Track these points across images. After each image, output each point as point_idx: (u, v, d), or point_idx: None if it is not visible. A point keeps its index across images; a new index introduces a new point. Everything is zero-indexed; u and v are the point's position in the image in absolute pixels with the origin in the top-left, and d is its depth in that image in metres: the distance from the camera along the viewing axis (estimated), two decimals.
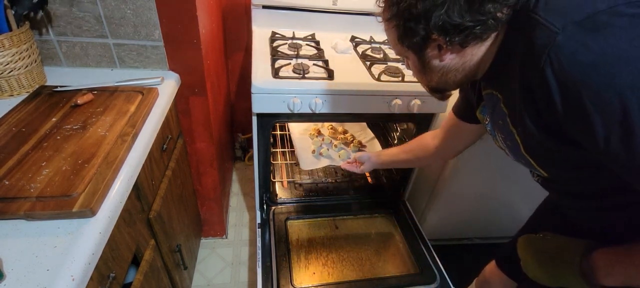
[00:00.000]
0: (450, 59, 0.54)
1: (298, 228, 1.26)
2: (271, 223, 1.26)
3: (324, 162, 1.35)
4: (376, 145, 1.49)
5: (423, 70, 0.59)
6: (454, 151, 0.92)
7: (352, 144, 1.45)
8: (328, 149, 1.42)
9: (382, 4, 0.57)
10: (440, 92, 0.65)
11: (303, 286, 1.06)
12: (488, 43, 0.52)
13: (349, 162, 1.18)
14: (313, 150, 1.41)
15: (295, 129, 1.53)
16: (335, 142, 1.46)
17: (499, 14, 0.48)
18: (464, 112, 0.80)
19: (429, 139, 0.96)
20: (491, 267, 0.99)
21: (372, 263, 1.16)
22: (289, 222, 1.28)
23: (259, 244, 1.18)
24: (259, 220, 1.27)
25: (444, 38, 0.50)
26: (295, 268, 1.11)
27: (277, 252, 1.14)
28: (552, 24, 0.42)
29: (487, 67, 0.56)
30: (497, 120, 0.60)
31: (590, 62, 0.39)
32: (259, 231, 1.23)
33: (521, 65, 0.47)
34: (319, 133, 1.51)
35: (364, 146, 1.48)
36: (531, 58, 0.44)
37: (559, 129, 0.46)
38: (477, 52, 0.53)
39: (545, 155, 0.54)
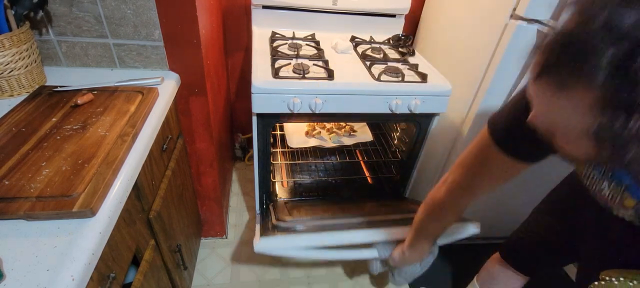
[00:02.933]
0: None
1: None
2: None
3: (313, 142, 1.41)
4: (366, 129, 1.55)
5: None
6: (475, 191, 0.70)
7: (343, 130, 1.51)
8: (320, 132, 1.48)
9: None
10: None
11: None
12: None
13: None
14: (307, 132, 1.46)
15: None
16: (328, 126, 1.52)
17: None
18: (521, 148, 0.58)
19: (434, 191, 0.80)
20: (495, 261, 0.95)
21: None
22: None
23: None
24: None
25: None
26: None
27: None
28: None
29: None
30: None
31: None
32: None
33: None
34: None
35: (355, 131, 1.53)
36: None
37: None
38: None
39: None
